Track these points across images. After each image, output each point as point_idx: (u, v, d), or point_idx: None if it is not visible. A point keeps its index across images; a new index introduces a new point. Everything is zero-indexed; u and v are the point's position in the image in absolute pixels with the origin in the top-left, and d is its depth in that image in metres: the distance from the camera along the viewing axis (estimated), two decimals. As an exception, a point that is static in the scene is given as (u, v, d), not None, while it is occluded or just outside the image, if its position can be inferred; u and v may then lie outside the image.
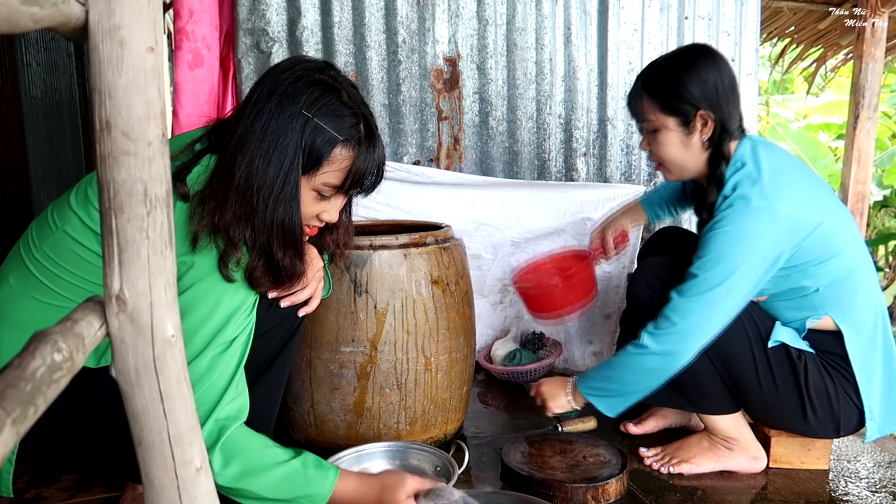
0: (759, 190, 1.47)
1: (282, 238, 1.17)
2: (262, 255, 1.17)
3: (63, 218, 1.18)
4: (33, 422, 0.47)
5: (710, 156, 1.57)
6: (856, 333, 1.56)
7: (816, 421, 1.58)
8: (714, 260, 1.47)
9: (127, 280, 0.61)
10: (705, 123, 1.54)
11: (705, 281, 1.48)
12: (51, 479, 1.63)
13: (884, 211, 6.85)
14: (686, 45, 1.65)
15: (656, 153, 1.61)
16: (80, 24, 0.56)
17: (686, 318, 1.49)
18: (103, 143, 0.58)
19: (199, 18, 2.03)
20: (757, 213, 1.46)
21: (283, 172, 1.14)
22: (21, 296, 1.19)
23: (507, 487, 1.61)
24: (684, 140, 1.56)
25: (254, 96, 1.18)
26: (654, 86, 1.56)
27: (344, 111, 1.18)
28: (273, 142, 1.13)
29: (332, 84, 1.19)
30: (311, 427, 1.74)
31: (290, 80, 1.17)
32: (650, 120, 1.57)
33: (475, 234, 2.43)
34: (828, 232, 1.50)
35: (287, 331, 1.39)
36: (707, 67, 1.53)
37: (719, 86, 1.53)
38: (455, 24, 2.47)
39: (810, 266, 1.52)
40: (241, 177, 1.12)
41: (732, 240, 1.46)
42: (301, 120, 1.14)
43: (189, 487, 0.68)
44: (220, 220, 1.11)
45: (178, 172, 1.14)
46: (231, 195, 1.12)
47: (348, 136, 1.18)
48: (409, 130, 2.45)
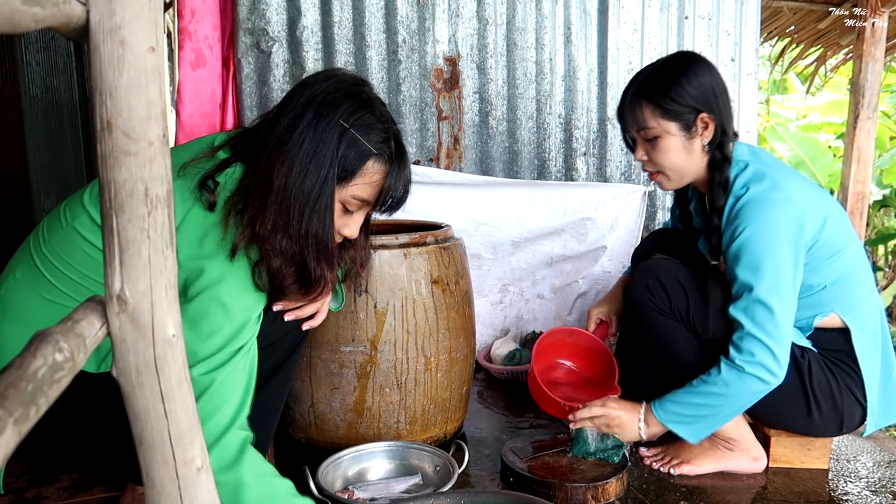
0: (770, 183, 1.48)
1: (316, 248, 1.17)
2: (293, 263, 1.16)
3: (74, 214, 1.18)
4: (35, 421, 0.47)
5: (711, 159, 1.57)
6: (861, 329, 1.57)
7: (821, 418, 1.58)
8: (758, 263, 1.46)
9: (128, 280, 0.61)
10: (706, 127, 1.54)
11: (764, 289, 1.46)
12: (51, 479, 1.63)
13: (883, 210, 6.85)
14: (674, 53, 1.64)
15: (656, 161, 1.59)
16: (81, 23, 0.56)
17: (775, 337, 1.46)
18: (104, 143, 0.58)
19: (201, 18, 2.04)
20: (776, 205, 1.46)
21: (319, 182, 1.14)
22: (26, 291, 1.19)
23: (507, 487, 1.61)
24: (686, 145, 1.55)
25: (289, 105, 1.18)
26: (652, 92, 1.54)
27: (377, 126, 1.20)
28: (310, 151, 1.14)
29: (367, 98, 1.20)
30: (311, 427, 1.74)
31: (328, 91, 1.17)
32: (650, 127, 1.55)
33: (475, 234, 2.43)
34: (834, 224, 1.52)
35: (291, 343, 1.39)
36: (702, 71, 1.54)
37: (716, 88, 1.54)
38: (455, 23, 2.47)
39: (822, 261, 1.53)
40: (279, 185, 1.13)
41: (764, 238, 1.46)
42: (338, 130, 1.15)
43: (190, 487, 0.68)
44: (261, 229, 1.12)
45: (203, 180, 1.14)
46: (270, 204, 1.12)
47: (381, 150, 1.19)
48: (409, 130, 2.45)
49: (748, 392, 1.50)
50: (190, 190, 1.13)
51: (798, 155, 6.60)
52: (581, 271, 2.55)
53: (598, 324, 1.90)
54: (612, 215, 2.49)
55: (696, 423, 1.55)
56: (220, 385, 1.09)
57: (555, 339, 1.93)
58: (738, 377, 1.48)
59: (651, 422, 1.59)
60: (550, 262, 2.55)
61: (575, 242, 2.51)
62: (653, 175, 1.64)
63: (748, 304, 1.48)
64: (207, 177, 1.15)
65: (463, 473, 1.59)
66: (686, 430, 1.56)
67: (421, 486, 1.56)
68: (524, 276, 2.56)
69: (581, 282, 2.56)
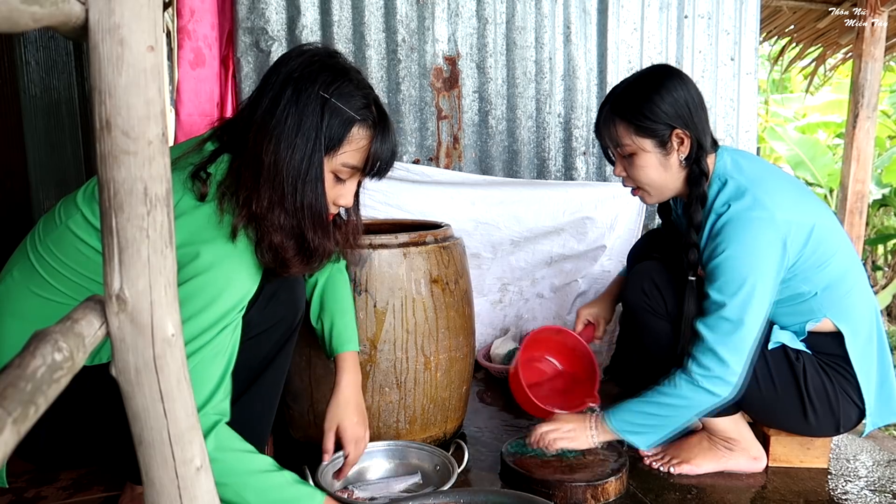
0: (752, 201, 1.47)
1: (311, 219, 1.20)
2: (293, 236, 1.20)
3: (68, 213, 1.19)
4: (34, 421, 0.47)
5: (689, 174, 1.56)
6: (854, 333, 1.56)
7: (817, 420, 1.58)
8: (733, 283, 1.46)
9: (127, 279, 0.61)
10: (682, 142, 1.53)
11: (734, 309, 1.46)
12: (50, 479, 1.63)
13: (883, 210, 6.85)
14: (649, 67, 1.63)
15: (634, 177, 1.58)
16: (79, 23, 0.56)
17: (733, 351, 1.47)
18: (103, 143, 0.58)
19: (200, 17, 2.03)
20: (758, 224, 1.45)
21: (307, 154, 1.17)
22: (23, 289, 1.19)
23: (506, 486, 1.61)
24: (662, 161, 1.54)
25: (266, 86, 1.20)
26: (625, 109, 1.53)
27: (356, 93, 1.23)
28: (295, 125, 1.16)
29: (342, 68, 1.24)
30: (310, 426, 1.74)
31: (304, 66, 1.20)
32: (626, 145, 1.54)
33: (474, 233, 2.43)
34: (822, 234, 1.51)
35: (283, 334, 1.39)
36: (675, 86, 1.52)
37: (690, 103, 1.52)
38: (455, 22, 2.47)
39: (810, 271, 1.52)
40: (269, 163, 1.16)
41: (744, 256, 1.45)
42: (319, 101, 1.18)
43: (189, 486, 0.68)
44: (257, 207, 1.15)
45: (195, 172, 1.16)
46: (263, 182, 1.15)
47: (363, 116, 1.23)
48: (408, 129, 2.45)
49: (700, 404, 1.50)
50: (182, 181, 1.15)
51: (797, 155, 6.60)
52: (580, 270, 2.55)
53: (586, 325, 1.91)
54: (611, 214, 2.48)
55: (647, 432, 1.56)
56: (198, 367, 1.09)
57: (542, 336, 1.96)
58: (693, 390, 1.49)
59: (602, 430, 1.59)
60: (550, 262, 2.55)
61: (574, 242, 2.51)
62: (634, 191, 1.64)
63: (715, 320, 1.48)
64: (199, 168, 1.17)
65: (462, 473, 1.59)
66: (637, 438, 1.57)
67: (421, 485, 1.56)
68: (524, 275, 2.56)
69: (580, 281, 2.56)
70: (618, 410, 1.58)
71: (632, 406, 1.57)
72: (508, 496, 1.37)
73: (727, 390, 1.48)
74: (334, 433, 1.48)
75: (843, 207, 3.80)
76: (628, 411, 1.57)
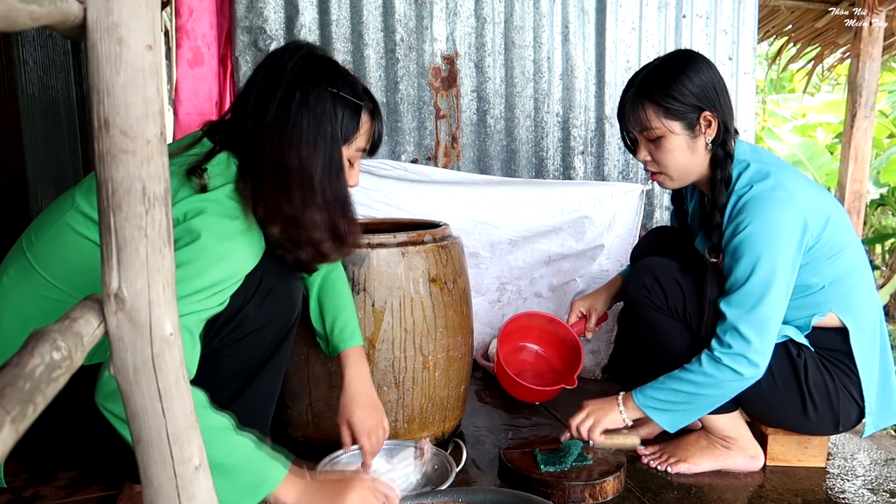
0: (774, 182, 1.48)
1: (341, 208, 1.27)
2: (327, 229, 1.26)
3: (64, 210, 1.19)
4: (32, 420, 0.47)
5: (713, 157, 1.57)
6: (859, 330, 1.57)
7: (817, 417, 1.58)
8: (756, 260, 1.46)
9: (125, 278, 0.61)
10: (709, 125, 1.54)
11: (758, 285, 1.46)
12: (48, 478, 1.63)
13: (881, 209, 6.87)
14: (672, 52, 1.63)
15: (660, 161, 1.58)
16: (78, 22, 0.56)
17: (758, 329, 1.47)
18: (102, 142, 0.58)
19: (198, 17, 2.03)
20: (780, 204, 1.46)
21: (328, 150, 1.23)
22: (20, 288, 1.19)
23: (505, 485, 1.61)
24: (690, 144, 1.55)
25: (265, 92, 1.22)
26: (654, 92, 1.53)
27: (350, 78, 1.28)
28: (313, 126, 1.21)
29: (329, 58, 1.29)
30: (309, 425, 1.74)
31: (301, 65, 1.23)
32: (654, 128, 1.54)
33: (473, 233, 2.43)
34: (836, 224, 1.52)
35: (280, 330, 1.39)
36: (701, 69, 1.53)
37: (717, 85, 1.54)
38: (453, 22, 2.47)
39: (821, 262, 1.53)
40: (295, 166, 1.20)
41: (766, 233, 1.46)
42: (329, 97, 1.23)
43: (188, 486, 0.68)
44: (290, 211, 1.20)
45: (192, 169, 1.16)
46: (292, 186, 1.20)
47: (365, 101, 1.29)
48: (406, 129, 2.45)
49: (724, 383, 1.50)
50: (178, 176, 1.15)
51: (795, 154, 6.60)
52: (579, 270, 2.55)
53: (579, 317, 1.92)
54: (609, 214, 2.48)
55: (672, 411, 1.56)
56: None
57: (533, 322, 2.01)
58: (716, 368, 1.49)
59: (630, 406, 1.60)
60: (548, 261, 2.55)
61: (573, 241, 2.51)
62: (654, 175, 1.63)
63: (737, 297, 1.49)
64: (196, 165, 1.18)
65: (461, 472, 1.59)
66: (663, 417, 1.57)
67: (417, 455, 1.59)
68: (522, 274, 2.56)
69: (579, 280, 2.56)
70: (645, 388, 1.59)
71: (658, 384, 1.58)
72: (507, 495, 1.37)
73: (751, 369, 1.48)
74: (347, 427, 1.48)
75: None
76: (654, 388, 1.58)
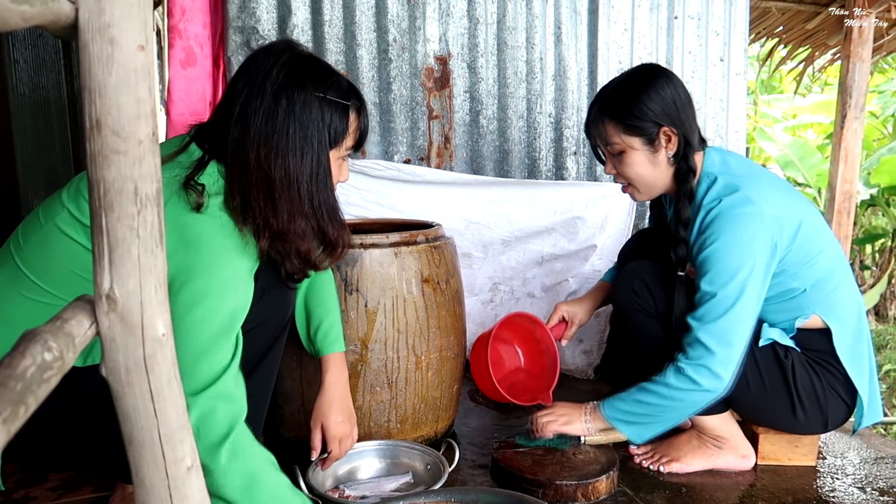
0: (742, 197, 1.48)
1: (327, 215, 1.23)
2: (315, 237, 1.23)
3: (52, 213, 1.17)
4: (24, 421, 0.47)
5: (677, 170, 1.58)
6: (842, 329, 1.58)
7: (805, 417, 1.60)
8: (723, 274, 1.47)
9: (117, 279, 0.61)
10: (669, 140, 1.55)
11: (724, 299, 1.46)
12: (40, 479, 1.62)
13: (871, 210, 6.91)
14: (637, 66, 1.65)
15: (624, 174, 1.61)
16: (69, 22, 0.56)
17: (721, 341, 1.47)
18: (93, 142, 0.58)
19: (191, 17, 2.03)
20: (747, 218, 1.46)
21: (315, 157, 1.19)
22: (9, 292, 1.18)
23: (497, 485, 1.61)
24: (651, 158, 1.56)
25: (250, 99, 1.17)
26: (614, 109, 1.55)
27: (333, 76, 1.23)
28: (300, 134, 1.17)
29: (312, 57, 1.24)
30: (301, 426, 1.73)
31: (285, 70, 1.18)
32: (615, 143, 1.57)
33: (466, 233, 2.43)
34: (809, 230, 1.53)
35: (276, 327, 1.39)
36: (663, 85, 1.54)
37: (677, 101, 1.54)
38: (446, 22, 2.48)
39: (799, 267, 1.53)
40: (281, 177, 1.16)
41: (733, 248, 1.46)
42: (317, 102, 1.19)
43: (180, 486, 0.68)
44: (277, 224, 1.16)
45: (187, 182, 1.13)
46: (278, 198, 1.16)
47: (351, 99, 1.25)
48: (399, 129, 2.45)
49: (687, 393, 1.49)
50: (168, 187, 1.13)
51: (787, 155, 6.64)
52: (571, 270, 2.56)
53: (560, 321, 1.92)
54: (602, 214, 2.49)
55: (638, 423, 1.57)
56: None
57: (515, 322, 2.00)
58: (678, 379, 1.49)
59: (596, 417, 1.61)
60: (541, 261, 2.55)
61: (565, 241, 2.51)
62: (624, 188, 1.66)
63: (703, 310, 1.49)
64: (189, 177, 1.14)
65: (454, 472, 1.59)
66: (629, 429, 1.58)
67: (412, 484, 1.56)
68: (515, 274, 2.57)
69: (571, 280, 2.57)
70: (612, 399, 1.60)
71: (625, 395, 1.58)
72: (499, 495, 1.37)
73: (713, 381, 1.47)
74: (320, 431, 1.48)
75: (832, 207, 3.83)
76: (621, 399, 1.58)
